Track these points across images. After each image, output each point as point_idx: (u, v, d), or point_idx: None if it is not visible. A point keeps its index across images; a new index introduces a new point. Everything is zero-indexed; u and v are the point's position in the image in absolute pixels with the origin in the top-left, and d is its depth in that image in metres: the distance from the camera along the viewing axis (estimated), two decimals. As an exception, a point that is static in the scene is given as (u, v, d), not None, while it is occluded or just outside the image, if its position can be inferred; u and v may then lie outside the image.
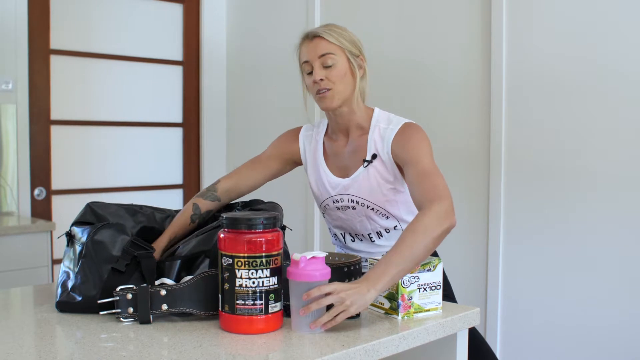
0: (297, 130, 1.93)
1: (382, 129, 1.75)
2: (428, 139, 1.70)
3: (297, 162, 1.92)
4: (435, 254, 1.73)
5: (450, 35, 2.92)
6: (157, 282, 1.36)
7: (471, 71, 2.84)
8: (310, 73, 1.74)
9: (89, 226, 1.44)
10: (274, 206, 1.62)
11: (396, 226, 1.79)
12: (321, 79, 1.71)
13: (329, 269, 1.26)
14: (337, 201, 1.79)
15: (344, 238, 1.86)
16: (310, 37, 1.75)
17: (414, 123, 1.75)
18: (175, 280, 1.39)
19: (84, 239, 1.40)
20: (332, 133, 1.85)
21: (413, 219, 1.47)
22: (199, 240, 1.42)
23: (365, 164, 1.74)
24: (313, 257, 1.24)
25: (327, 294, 1.27)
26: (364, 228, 1.79)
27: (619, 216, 2.40)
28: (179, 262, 1.41)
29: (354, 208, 1.76)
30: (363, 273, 1.52)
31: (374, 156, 1.74)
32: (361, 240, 1.82)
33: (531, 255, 2.65)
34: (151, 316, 1.29)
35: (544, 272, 2.61)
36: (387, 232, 1.79)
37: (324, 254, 1.26)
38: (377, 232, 1.79)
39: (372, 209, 1.75)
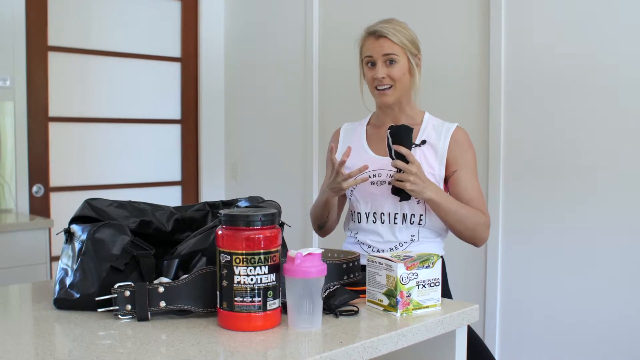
0: (337, 131, 2.08)
1: (436, 125, 1.92)
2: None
3: None
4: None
5: (448, 32, 2.91)
6: (155, 282, 1.35)
7: (469, 68, 2.84)
8: (372, 67, 1.86)
9: (88, 224, 1.43)
10: (272, 204, 1.61)
11: (422, 215, 1.87)
12: (383, 77, 1.86)
13: (325, 265, 1.26)
14: (375, 176, 1.88)
15: (367, 218, 1.91)
16: (377, 36, 1.88)
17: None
18: (173, 280, 1.39)
19: (83, 237, 1.40)
20: (377, 122, 2.00)
21: (475, 209, 1.84)
22: (197, 240, 1.42)
23: (414, 145, 1.87)
24: (309, 254, 1.24)
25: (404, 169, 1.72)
26: (392, 206, 1.87)
27: (618, 214, 2.39)
28: (177, 261, 1.40)
29: (389, 183, 1.83)
30: (363, 268, 1.52)
31: (423, 142, 1.90)
32: (383, 222, 1.88)
33: (530, 253, 2.65)
34: (149, 313, 1.29)
35: (543, 270, 2.61)
36: (412, 219, 1.87)
37: (320, 251, 1.26)
38: (403, 215, 1.87)
39: None
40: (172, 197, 4.01)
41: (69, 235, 1.48)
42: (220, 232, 1.25)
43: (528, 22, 2.63)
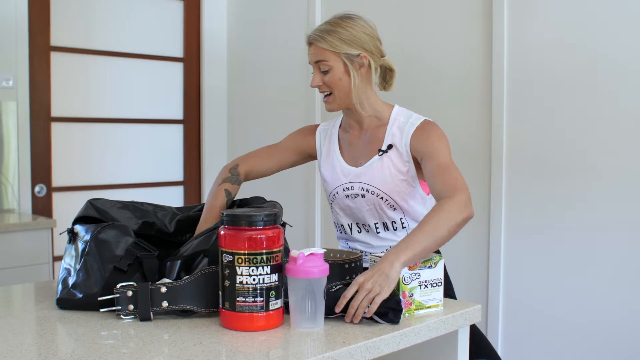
0: (315, 126, 1.98)
1: (402, 122, 1.79)
2: (446, 137, 1.77)
3: (312, 156, 1.97)
4: (437, 251, 1.74)
5: (451, 31, 2.91)
6: (157, 282, 1.36)
7: (472, 67, 2.84)
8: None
9: (92, 225, 1.44)
10: (273, 204, 1.62)
11: (402, 218, 1.80)
12: (319, 84, 1.76)
13: (327, 265, 1.26)
14: (348, 189, 1.81)
15: (351, 229, 1.87)
16: (308, 43, 1.79)
17: (432, 121, 1.80)
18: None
19: (87, 237, 1.40)
20: (345, 125, 1.90)
21: (435, 206, 1.55)
22: (199, 241, 1.42)
23: (380, 153, 1.78)
24: (311, 254, 1.24)
25: (355, 292, 1.34)
26: (371, 217, 1.80)
27: (621, 213, 2.39)
28: (179, 262, 1.41)
29: (363, 196, 1.78)
30: (364, 268, 1.52)
31: (390, 146, 1.77)
32: (367, 231, 1.83)
33: (532, 252, 2.65)
34: (151, 313, 1.29)
35: (546, 269, 2.61)
36: (394, 225, 1.80)
37: (322, 251, 1.26)
38: (383, 223, 1.80)
39: (382, 197, 1.77)
40: (174, 197, 4.02)
41: (72, 236, 1.48)
42: (222, 233, 1.25)
43: (530, 21, 2.62)
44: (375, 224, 1.81)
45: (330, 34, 1.74)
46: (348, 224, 1.86)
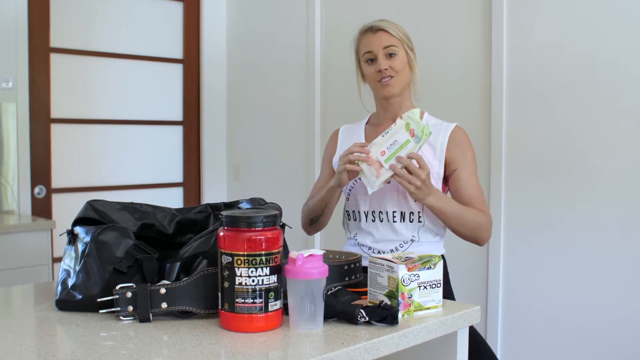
0: (337, 131, 2.08)
1: (435, 124, 1.91)
2: None
3: None
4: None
5: (450, 32, 2.91)
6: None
7: (472, 68, 2.84)
8: (372, 62, 1.90)
9: (92, 226, 1.44)
10: (273, 206, 1.62)
11: (420, 212, 1.86)
12: (385, 68, 1.87)
13: (326, 267, 1.26)
14: None
15: (366, 217, 1.91)
16: (374, 30, 1.91)
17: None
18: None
19: (87, 238, 1.40)
20: (377, 120, 2.00)
21: (476, 210, 1.82)
22: (199, 243, 1.42)
23: None
24: (310, 255, 1.24)
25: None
26: (391, 204, 1.87)
27: (620, 214, 2.39)
28: (178, 264, 1.40)
29: (388, 182, 1.81)
30: (364, 269, 1.52)
31: None
32: (381, 220, 1.89)
33: (532, 252, 2.65)
34: (151, 315, 1.29)
35: (545, 269, 2.61)
36: (411, 217, 1.86)
37: (321, 252, 1.26)
38: (401, 213, 1.87)
39: None
40: (174, 199, 4.02)
41: (72, 237, 1.48)
42: (222, 234, 1.25)
43: (530, 21, 2.62)
44: (394, 212, 1.87)
45: (395, 26, 1.91)
46: (364, 212, 1.92)
